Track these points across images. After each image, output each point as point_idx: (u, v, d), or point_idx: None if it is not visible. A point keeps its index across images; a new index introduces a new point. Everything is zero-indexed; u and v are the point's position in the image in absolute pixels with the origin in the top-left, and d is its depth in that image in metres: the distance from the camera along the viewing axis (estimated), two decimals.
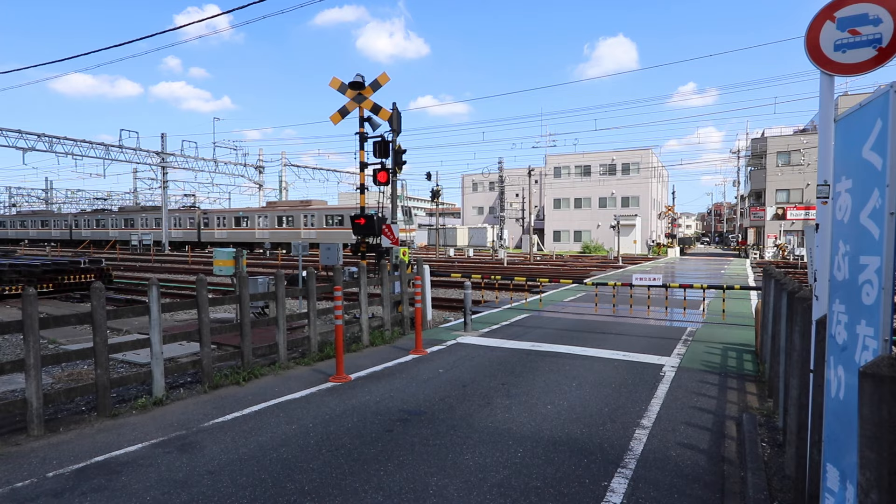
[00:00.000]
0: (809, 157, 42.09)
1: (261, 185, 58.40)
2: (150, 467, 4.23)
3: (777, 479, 4.04)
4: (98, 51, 11.80)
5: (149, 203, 69.80)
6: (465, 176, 72.06)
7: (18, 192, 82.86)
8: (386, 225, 11.44)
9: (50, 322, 5.50)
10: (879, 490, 1.68)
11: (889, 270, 2.04)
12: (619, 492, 3.81)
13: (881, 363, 1.73)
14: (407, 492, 3.81)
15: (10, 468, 4.25)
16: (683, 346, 8.69)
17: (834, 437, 2.49)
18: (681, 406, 5.73)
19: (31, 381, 5.01)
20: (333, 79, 11.71)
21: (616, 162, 57.48)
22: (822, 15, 3.34)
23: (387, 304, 9.83)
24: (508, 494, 3.77)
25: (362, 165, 11.96)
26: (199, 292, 6.53)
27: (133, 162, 45.69)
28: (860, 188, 2.31)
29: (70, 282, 16.56)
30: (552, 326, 10.55)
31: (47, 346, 9.12)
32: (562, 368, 7.25)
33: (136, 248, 49.34)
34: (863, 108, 2.31)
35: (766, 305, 7.18)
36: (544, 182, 60.68)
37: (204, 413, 5.56)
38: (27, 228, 69.90)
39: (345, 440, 4.77)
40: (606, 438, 4.81)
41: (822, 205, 3.18)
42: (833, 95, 3.39)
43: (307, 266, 9.54)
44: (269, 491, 3.82)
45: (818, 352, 3.03)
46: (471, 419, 5.29)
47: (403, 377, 6.90)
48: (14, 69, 15.69)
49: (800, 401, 3.56)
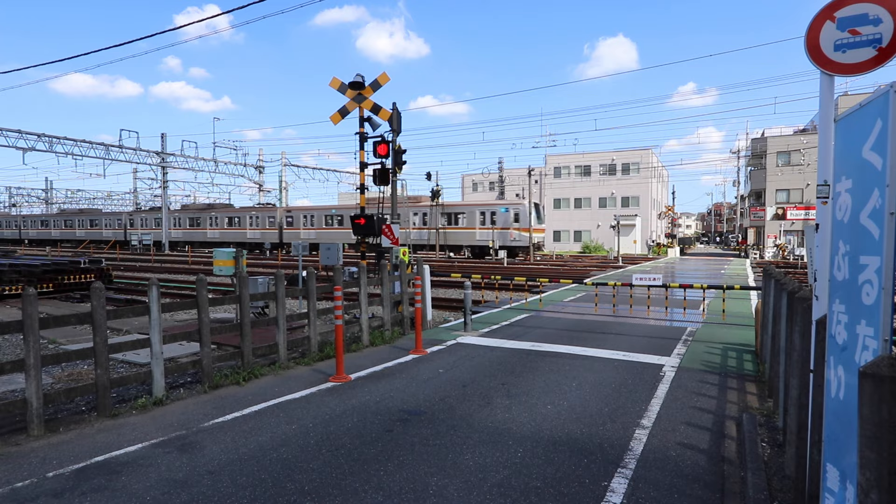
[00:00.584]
0: (809, 157, 42.09)
1: (261, 185, 58.40)
2: (150, 467, 4.23)
3: (777, 479, 4.03)
4: (98, 51, 11.81)
5: (202, 200, 63.82)
6: (465, 176, 72.03)
7: (18, 192, 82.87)
8: (386, 225, 11.43)
9: (50, 322, 5.50)
10: (879, 490, 1.68)
11: (889, 270, 2.04)
12: (619, 492, 3.81)
13: (881, 363, 1.73)
14: (407, 492, 3.81)
15: (11, 468, 4.25)
16: (683, 346, 8.69)
17: (834, 437, 2.49)
18: (681, 406, 5.73)
19: (31, 381, 5.00)
20: (333, 79, 11.71)
21: (616, 162, 57.49)
22: (822, 15, 3.34)
23: (387, 304, 9.83)
24: (508, 494, 3.77)
25: (362, 165, 11.96)
26: (199, 292, 6.53)
27: (133, 162, 45.70)
28: (860, 188, 2.31)
29: (70, 282, 16.56)
30: (552, 326, 10.55)
31: (47, 346, 9.12)
32: (562, 368, 7.25)
33: (136, 247, 48.86)
34: (863, 108, 2.31)
35: (766, 305, 7.18)
36: (544, 182, 60.67)
37: (204, 413, 5.56)
38: (73, 228, 64.26)
39: (345, 440, 4.77)
40: (606, 438, 4.81)
41: (822, 205, 3.18)
42: (833, 95, 3.39)
43: (307, 266, 9.54)
44: (269, 491, 3.82)
45: (818, 352, 3.03)
46: (471, 419, 5.29)
47: (403, 377, 6.90)
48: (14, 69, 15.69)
49: (800, 401, 3.56)
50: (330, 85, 11.72)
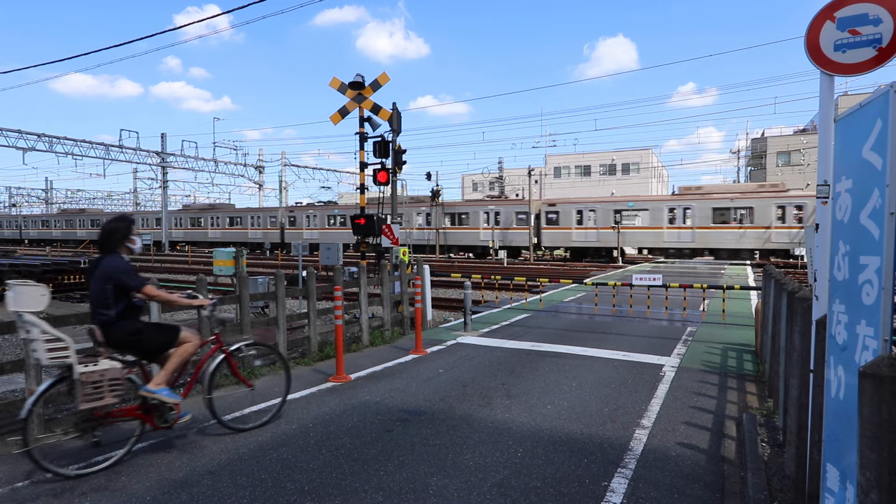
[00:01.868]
0: (809, 157, 42.10)
1: (261, 185, 58.42)
2: (150, 467, 4.23)
3: (777, 479, 4.03)
4: (98, 51, 11.83)
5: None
6: (465, 176, 72.06)
7: (18, 192, 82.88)
8: (386, 225, 11.44)
9: (50, 322, 5.49)
10: (879, 490, 1.68)
11: (889, 270, 2.04)
12: (619, 492, 3.81)
13: (881, 363, 1.73)
14: (407, 492, 3.81)
15: (11, 468, 4.25)
16: (683, 346, 8.69)
17: (834, 437, 2.49)
18: (681, 406, 5.73)
19: (32, 381, 5.00)
20: (333, 79, 11.71)
21: (616, 162, 57.52)
22: (822, 15, 3.34)
23: (387, 304, 9.83)
24: (508, 494, 3.77)
25: (362, 165, 11.96)
26: (200, 292, 6.52)
27: (133, 162, 45.72)
28: (860, 188, 2.31)
29: (70, 282, 16.57)
30: (552, 326, 10.55)
31: None
32: (562, 368, 7.25)
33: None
34: (863, 108, 2.31)
35: (766, 305, 7.18)
36: (544, 182, 60.69)
37: (204, 413, 5.55)
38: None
39: (345, 440, 4.77)
40: (606, 438, 4.81)
41: (822, 205, 3.18)
42: (833, 95, 3.39)
43: (307, 266, 9.55)
44: (268, 491, 3.83)
45: (818, 352, 3.03)
46: (471, 419, 5.30)
47: (403, 377, 6.90)
48: (14, 69, 15.71)
49: (800, 401, 3.56)
50: (330, 85, 11.72)
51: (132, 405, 4.45)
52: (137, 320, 4.44)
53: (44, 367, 4.48)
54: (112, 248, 4.36)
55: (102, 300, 4.22)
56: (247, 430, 5.00)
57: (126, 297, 4.30)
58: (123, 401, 4.45)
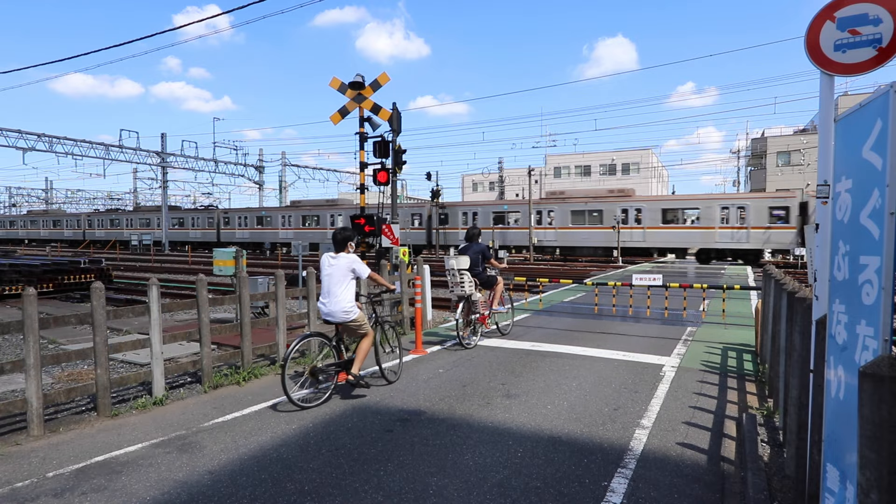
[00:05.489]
0: (809, 157, 42.10)
1: (261, 185, 58.40)
2: (150, 467, 4.24)
3: (777, 479, 4.04)
4: (98, 51, 11.82)
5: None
6: (466, 176, 72.05)
7: (18, 192, 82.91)
8: (386, 225, 11.44)
9: (50, 322, 5.50)
10: (879, 490, 1.68)
11: (889, 270, 2.04)
12: (619, 492, 3.81)
13: (881, 363, 1.73)
14: (407, 492, 3.81)
15: (11, 468, 4.25)
16: (683, 346, 8.69)
17: (834, 437, 2.49)
18: (681, 406, 5.73)
19: (31, 381, 5.01)
20: (333, 79, 11.71)
21: (616, 162, 57.54)
22: (822, 15, 3.34)
23: (387, 303, 9.83)
24: (508, 494, 3.77)
25: (362, 165, 11.97)
26: (199, 292, 6.53)
27: (133, 162, 45.70)
28: (860, 188, 2.31)
29: (70, 282, 16.57)
30: (552, 326, 10.55)
31: (47, 346, 9.12)
32: (562, 368, 7.25)
33: (136, 247, 48.72)
34: (863, 108, 2.31)
35: (766, 305, 7.18)
36: (544, 182, 60.70)
37: (204, 413, 5.56)
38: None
39: (345, 440, 4.77)
40: (606, 438, 4.81)
41: (822, 205, 3.18)
42: (833, 95, 3.39)
43: (307, 266, 9.54)
44: (268, 491, 3.83)
45: (818, 352, 3.03)
46: (471, 419, 5.30)
47: (403, 377, 6.90)
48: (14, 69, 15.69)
49: (800, 401, 3.56)
50: (330, 85, 11.73)
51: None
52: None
53: (463, 295, 8.63)
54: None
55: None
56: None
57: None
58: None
